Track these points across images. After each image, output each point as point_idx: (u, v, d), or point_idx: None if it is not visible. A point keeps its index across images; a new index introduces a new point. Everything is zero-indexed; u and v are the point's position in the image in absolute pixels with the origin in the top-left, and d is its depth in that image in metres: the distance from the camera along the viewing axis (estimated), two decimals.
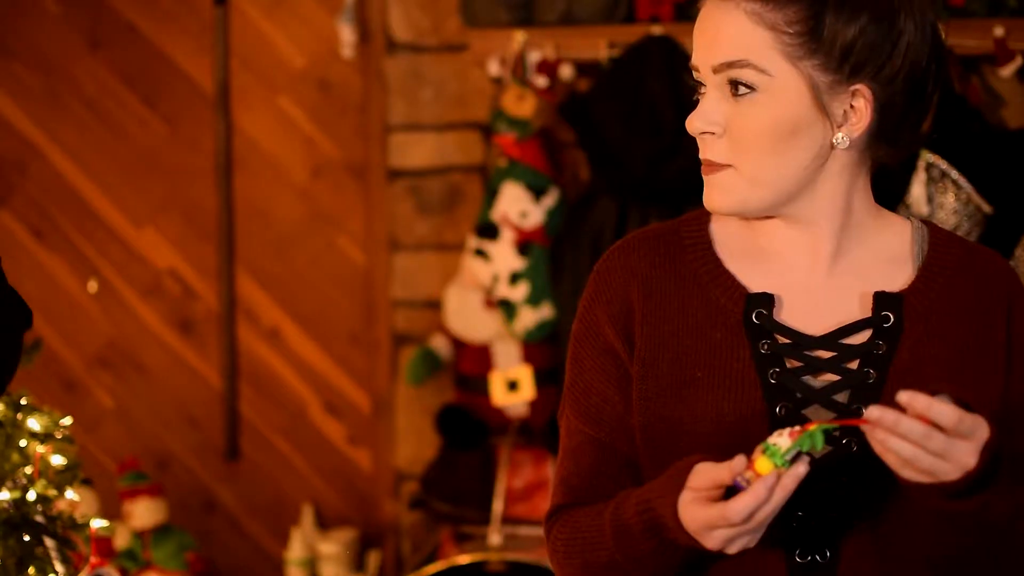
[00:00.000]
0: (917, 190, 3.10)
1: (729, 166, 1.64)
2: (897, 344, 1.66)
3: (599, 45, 3.38)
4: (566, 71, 3.42)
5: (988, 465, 1.50)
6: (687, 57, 3.35)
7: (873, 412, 1.48)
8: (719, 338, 1.68)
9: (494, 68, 3.44)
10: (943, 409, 1.47)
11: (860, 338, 1.67)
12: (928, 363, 1.66)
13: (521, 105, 3.42)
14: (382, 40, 3.69)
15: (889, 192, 3.20)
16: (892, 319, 1.67)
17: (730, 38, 1.61)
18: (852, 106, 1.63)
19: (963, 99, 3.15)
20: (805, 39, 1.60)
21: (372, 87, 3.72)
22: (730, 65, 1.61)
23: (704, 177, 1.66)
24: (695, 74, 1.66)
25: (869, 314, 1.67)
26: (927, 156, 3.10)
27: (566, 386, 1.77)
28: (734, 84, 1.62)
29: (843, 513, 1.63)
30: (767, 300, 1.68)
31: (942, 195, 3.09)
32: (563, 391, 1.78)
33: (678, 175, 3.26)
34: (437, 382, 3.70)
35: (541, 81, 3.41)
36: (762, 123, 1.61)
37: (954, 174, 3.09)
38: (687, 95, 3.56)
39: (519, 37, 3.39)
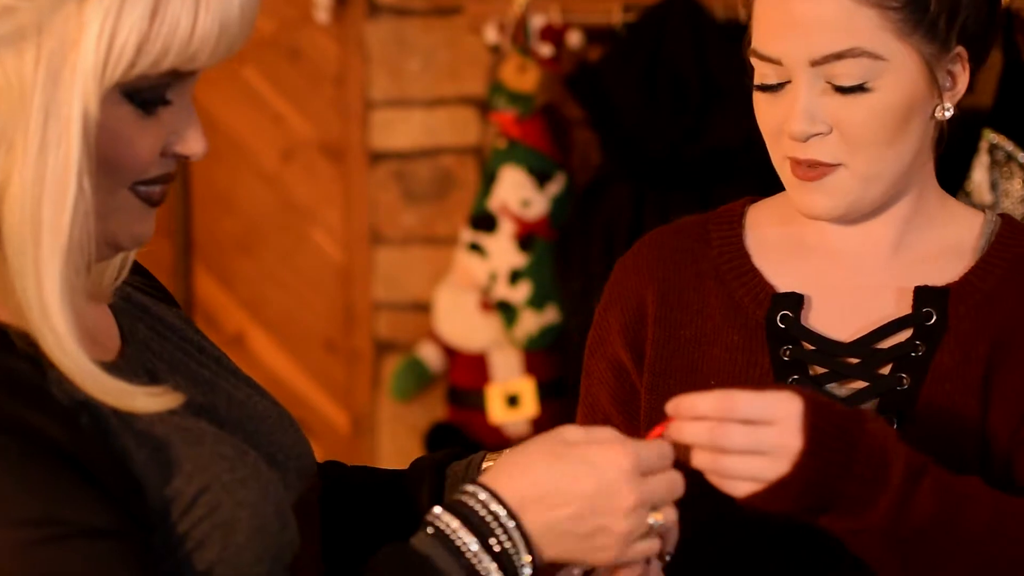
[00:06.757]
0: (979, 175, 3.09)
1: (839, 165, 1.64)
2: (938, 345, 1.65)
3: (612, 8, 3.38)
4: (574, 38, 3.42)
5: (829, 443, 1.45)
6: (713, 21, 3.39)
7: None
8: (736, 341, 1.69)
9: (492, 35, 3.44)
10: (705, 399, 1.43)
11: (898, 340, 1.67)
12: (974, 365, 1.65)
13: (523, 78, 3.41)
14: (362, 2, 3.68)
15: (947, 178, 3.19)
16: (934, 316, 1.66)
17: (834, 24, 1.60)
18: (951, 71, 1.66)
19: None
20: (911, 10, 1.61)
21: (351, 57, 3.71)
22: (840, 56, 1.60)
23: (803, 183, 1.65)
24: (768, 67, 1.64)
25: (908, 311, 1.67)
26: (990, 136, 3.08)
27: (579, 400, 1.80)
28: (842, 77, 1.61)
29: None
30: (795, 301, 1.69)
31: (1007, 181, 3.08)
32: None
33: (704, 157, 3.25)
34: (426, 396, 3.69)
35: (546, 50, 3.40)
36: (878, 113, 1.62)
37: (1021, 157, 3.08)
38: (714, 64, 3.57)
39: None
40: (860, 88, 1.61)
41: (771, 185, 1.84)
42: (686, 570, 1.52)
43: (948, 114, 1.66)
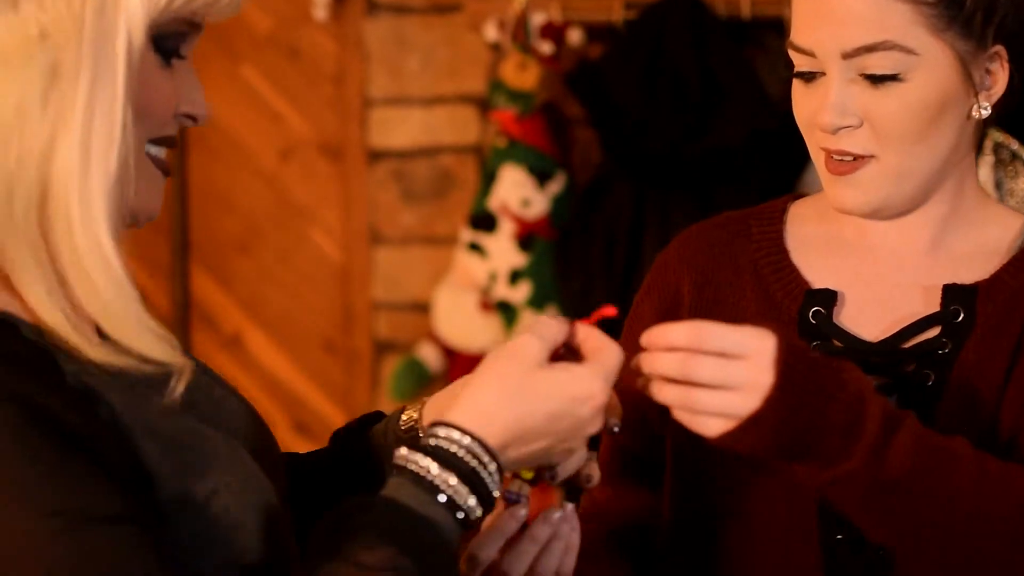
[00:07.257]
0: (984, 174, 3.08)
1: (871, 158, 1.66)
2: (965, 342, 1.67)
3: (613, 5, 3.38)
4: (575, 35, 3.43)
5: (801, 383, 1.45)
6: (715, 18, 3.39)
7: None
8: None
9: (491, 32, 3.44)
10: (677, 329, 1.44)
11: (925, 337, 1.69)
12: (999, 361, 1.66)
13: (523, 75, 3.41)
14: (361, 0, 3.68)
15: None
16: (962, 314, 1.68)
17: (866, 17, 1.63)
18: (988, 70, 1.67)
19: None
20: (945, 6, 1.63)
21: (349, 55, 3.71)
22: (871, 48, 1.62)
23: (836, 177, 1.68)
24: (803, 58, 1.67)
25: (936, 309, 1.68)
26: (995, 135, 3.08)
27: None
28: (873, 68, 1.64)
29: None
30: (828, 297, 1.71)
31: (1012, 180, 3.08)
32: None
33: (704, 156, 3.26)
34: (426, 397, 3.69)
35: (546, 47, 3.41)
36: (909, 105, 1.64)
37: None
38: (715, 63, 3.57)
39: None
40: (892, 78, 1.63)
41: (772, 185, 1.86)
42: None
43: (985, 113, 1.67)
